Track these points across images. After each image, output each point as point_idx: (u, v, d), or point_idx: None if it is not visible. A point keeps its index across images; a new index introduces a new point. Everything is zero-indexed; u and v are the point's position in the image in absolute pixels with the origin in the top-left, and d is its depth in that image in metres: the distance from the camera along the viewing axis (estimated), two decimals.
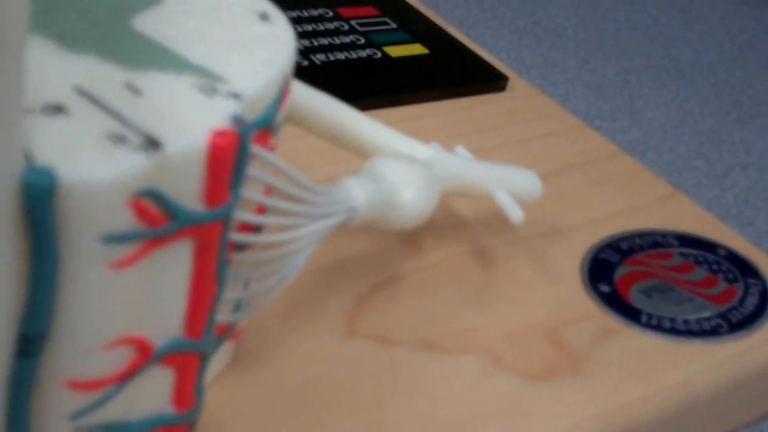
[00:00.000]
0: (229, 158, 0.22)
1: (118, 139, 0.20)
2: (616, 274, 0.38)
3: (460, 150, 0.37)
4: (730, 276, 0.39)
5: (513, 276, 0.37)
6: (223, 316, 0.26)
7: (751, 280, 0.39)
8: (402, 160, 0.30)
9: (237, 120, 0.22)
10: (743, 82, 0.52)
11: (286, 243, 0.26)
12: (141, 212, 0.21)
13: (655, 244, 0.40)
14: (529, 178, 0.36)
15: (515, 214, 0.34)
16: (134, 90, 0.22)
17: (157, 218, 0.21)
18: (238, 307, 0.27)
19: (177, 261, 0.23)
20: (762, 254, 0.42)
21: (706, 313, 0.37)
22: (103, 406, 0.23)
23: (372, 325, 0.33)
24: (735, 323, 0.37)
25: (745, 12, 0.60)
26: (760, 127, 0.48)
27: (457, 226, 0.39)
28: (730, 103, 0.50)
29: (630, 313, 0.36)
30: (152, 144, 0.21)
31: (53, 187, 0.19)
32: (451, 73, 0.49)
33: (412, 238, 0.37)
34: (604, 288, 0.37)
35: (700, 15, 0.59)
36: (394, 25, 0.53)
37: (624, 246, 0.40)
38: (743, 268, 0.40)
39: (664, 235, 0.41)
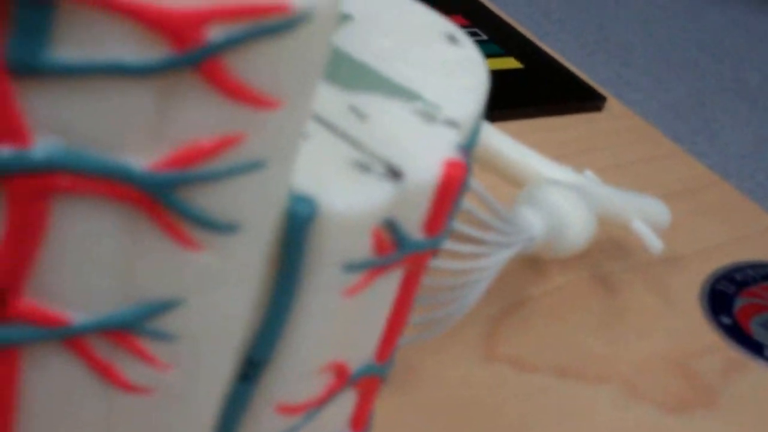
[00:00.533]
0: (457, 188, 0.22)
1: (364, 168, 0.20)
2: (735, 305, 0.38)
3: (588, 174, 0.36)
4: None
5: (636, 304, 0.36)
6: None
7: None
8: (566, 190, 0.29)
9: (463, 150, 0.22)
10: None
11: (475, 270, 0.25)
12: (378, 241, 0.20)
13: (767, 277, 0.40)
14: (659, 208, 0.36)
15: (654, 244, 0.33)
16: (359, 114, 0.22)
17: (387, 246, 0.21)
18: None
19: (388, 288, 0.22)
20: None
21: None
22: (299, 428, 0.23)
23: (509, 350, 0.32)
24: None
25: None
26: None
27: None
28: None
29: (754, 347, 0.36)
30: (395, 174, 0.20)
31: (314, 216, 0.19)
32: (547, 89, 0.48)
33: (535, 262, 0.37)
34: (726, 320, 0.37)
35: (762, 33, 0.59)
36: (485, 37, 0.52)
37: (738, 277, 0.39)
38: None
39: None
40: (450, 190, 0.22)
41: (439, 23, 0.27)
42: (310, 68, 0.16)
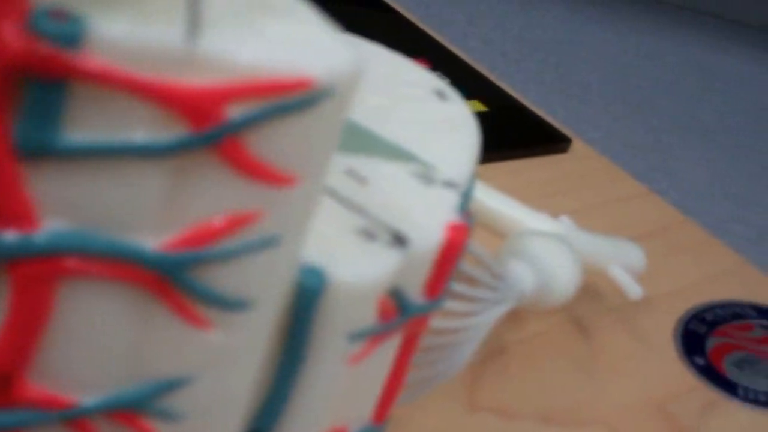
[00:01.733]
0: (459, 251, 0.21)
1: (369, 236, 0.19)
2: (707, 346, 0.38)
3: (565, 220, 0.36)
4: None
5: (613, 347, 0.36)
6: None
7: None
8: (551, 240, 0.29)
9: (464, 213, 0.21)
10: (766, 143, 0.53)
11: (468, 328, 0.25)
12: (383, 308, 0.20)
13: (736, 316, 0.40)
14: (634, 251, 0.36)
15: (633, 289, 0.33)
16: (358, 178, 0.21)
17: (391, 313, 0.20)
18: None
19: (389, 352, 0.22)
20: None
21: None
22: None
23: (491, 398, 0.32)
24: None
25: (756, 70, 0.61)
26: None
27: None
28: (759, 166, 0.51)
29: (727, 386, 0.36)
30: (400, 241, 0.20)
31: (324, 288, 0.18)
32: (513, 132, 0.48)
33: (511, 309, 0.36)
34: (699, 360, 0.37)
35: (718, 74, 0.60)
36: (448, 80, 0.52)
37: (709, 317, 0.39)
38: None
39: (742, 306, 0.41)
40: (452, 254, 0.21)
41: (427, 78, 0.27)
42: (328, 143, 0.16)
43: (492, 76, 0.55)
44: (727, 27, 0.74)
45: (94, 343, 0.17)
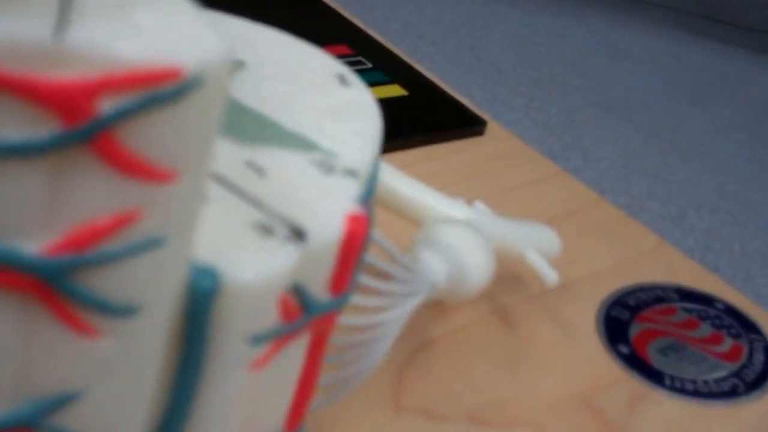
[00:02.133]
0: (361, 243, 0.21)
1: (266, 231, 0.19)
2: (630, 332, 0.38)
3: (479, 205, 0.36)
4: (734, 332, 0.40)
5: (538, 337, 0.37)
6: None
7: (754, 336, 0.40)
8: (463, 229, 0.29)
9: (364, 202, 0.21)
10: (676, 119, 0.54)
11: (382, 323, 0.25)
12: (285, 308, 0.20)
13: (658, 299, 0.41)
14: (550, 236, 0.36)
15: (550, 276, 0.34)
16: (257, 169, 0.21)
17: (293, 312, 0.20)
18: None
19: (296, 354, 0.22)
20: (756, 306, 0.43)
21: (722, 373, 0.38)
22: None
23: (417, 398, 0.32)
24: (749, 382, 0.38)
25: (663, 47, 0.62)
26: (701, 166, 0.50)
27: None
28: (668, 141, 0.52)
29: (654, 376, 0.36)
30: (297, 234, 0.20)
31: (217, 289, 0.18)
32: (432, 116, 0.49)
33: (435, 302, 0.36)
34: (623, 349, 0.37)
35: (624, 50, 0.61)
36: (369, 65, 0.52)
37: (631, 302, 0.40)
38: (743, 322, 0.41)
39: (663, 288, 0.42)
40: (354, 246, 0.21)
41: (330, 64, 0.27)
42: (205, 134, 0.16)
43: (411, 60, 0.55)
44: (631, 5, 0.75)
45: None
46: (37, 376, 0.17)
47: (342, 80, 0.26)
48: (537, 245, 0.36)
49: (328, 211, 0.21)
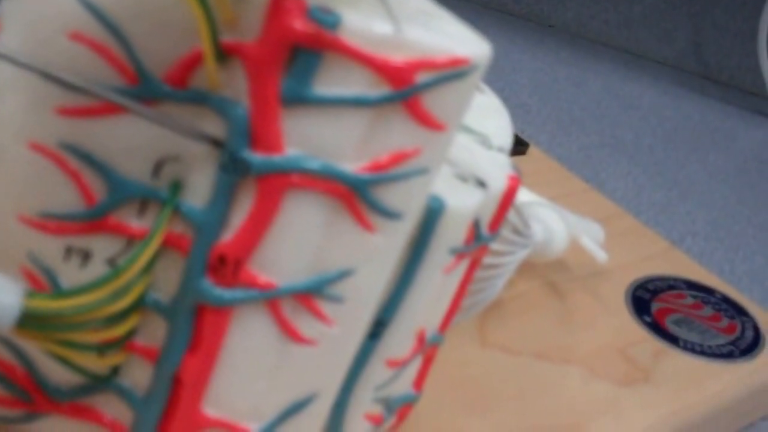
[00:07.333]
0: (513, 197, 0.29)
1: (463, 180, 0.27)
2: (652, 308, 0.46)
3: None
4: (729, 314, 0.48)
5: (581, 306, 0.44)
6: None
7: (744, 318, 0.48)
8: (551, 207, 0.37)
9: (516, 169, 0.29)
10: (677, 162, 0.62)
11: (504, 264, 0.32)
12: (469, 233, 0.27)
13: (671, 287, 0.49)
14: (596, 227, 0.44)
15: (600, 255, 0.41)
16: None
17: (471, 238, 0.28)
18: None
19: (460, 271, 0.29)
20: (744, 297, 0.51)
21: (721, 341, 0.46)
22: (389, 384, 0.29)
23: (496, 338, 0.40)
24: (742, 349, 0.46)
25: (667, 102, 0.71)
26: (697, 202, 0.58)
27: (527, 265, 0.46)
28: (670, 181, 0.60)
29: (670, 339, 0.44)
30: (481, 184, 0.27)
31: (443, 210, 0.26)
32: None
33: None
34: (647, 318, 0.45)
35: (633, 102, 0.69)
36: None
37: (650, 287, 0.48)
38: (736, 307, 0.49)
39: (675, 279, 0.50)
40: (509, 198, 0.29)
41: None
42: (467, 102, 0.23)
43: None
44: (640, 62, 0.85)
45: (297, 240, 0.24)
46: (327, 257, 0.24)
47: (478, 88, 0.34)
48: (588, 233, 0.44)
49: (496, 171, 0.29)
